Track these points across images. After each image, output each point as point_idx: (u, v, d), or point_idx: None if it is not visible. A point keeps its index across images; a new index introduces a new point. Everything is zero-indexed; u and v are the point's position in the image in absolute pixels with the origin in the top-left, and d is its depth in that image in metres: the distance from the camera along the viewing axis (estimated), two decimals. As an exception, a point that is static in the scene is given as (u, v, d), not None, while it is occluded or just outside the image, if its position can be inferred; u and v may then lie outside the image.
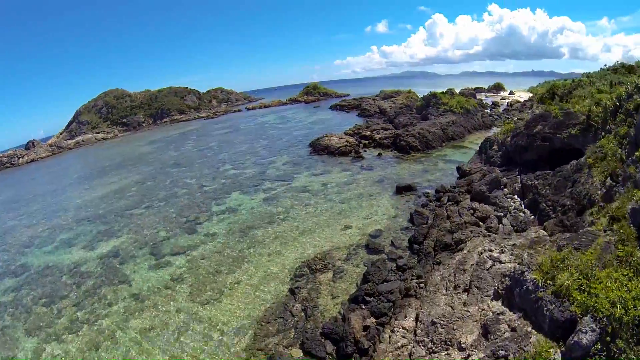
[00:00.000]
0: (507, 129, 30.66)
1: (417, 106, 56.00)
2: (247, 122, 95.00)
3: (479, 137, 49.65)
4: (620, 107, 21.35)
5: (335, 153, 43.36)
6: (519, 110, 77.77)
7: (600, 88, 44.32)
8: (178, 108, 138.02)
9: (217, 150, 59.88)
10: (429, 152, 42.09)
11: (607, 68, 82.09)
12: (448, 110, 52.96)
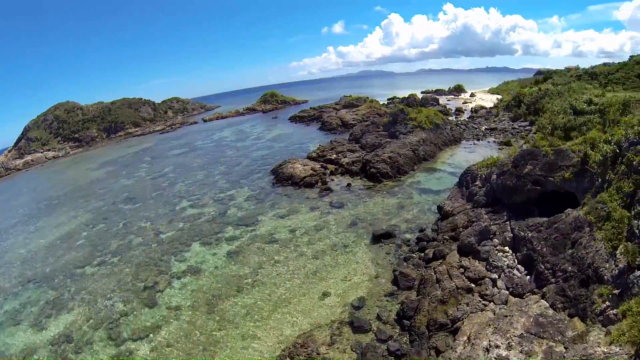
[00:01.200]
0: (490, 163, 29.56)
1: (384, 123, 54.72)
2: (204, 139, 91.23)
3: (450, 155, 49.42)
4: (621, 155, 20.58)
5: (300, 184, 40.88)
6: (485, 118, 79.52)
7: (573, 104, 45.25)
8: (132, 120, 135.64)
9: (173, 178, 55.93)
10: (401, 178, 40.67)
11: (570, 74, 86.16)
12: (417, 127, 52.15)
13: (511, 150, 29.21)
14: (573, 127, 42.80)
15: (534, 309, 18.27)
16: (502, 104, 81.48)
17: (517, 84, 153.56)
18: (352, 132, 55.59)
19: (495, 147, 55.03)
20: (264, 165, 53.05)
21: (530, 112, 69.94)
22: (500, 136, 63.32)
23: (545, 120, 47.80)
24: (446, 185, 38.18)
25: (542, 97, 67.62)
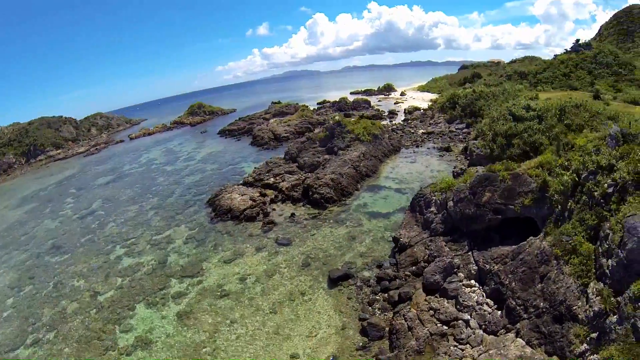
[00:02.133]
0: (444, 187, 31.44)
1: (321, 138, 55.76)
2: (132, 162, 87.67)
3: (391, 167, 51.85)
4: (581, 184, 23.10)
5: (240, 218, 40.09)
6: (420, 120, 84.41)
7: (513, 111, 49.64)
8: (53, 142, 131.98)
9: (103, 217, 51.71)
10: (346, 201, 41.77)
11: (500, 74, 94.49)
12: (355, 139, 53.88)
13: (466, 175, 31.33)
14: (514, 134, 47.11)
15: (512, 349, 19.84)
16: (437, 106, 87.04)
17: (445, 81, 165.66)
18: (288, 150, 55.87)
19: (435, 153, 58.76)
20: (199, 195, 51.89)
21: (466, 114, 75.73)
22: (439, 140, 67.82)
23: (485, 127, 51.86)
24: (394, 205, 39.99)
25: (477, 99, 73.45)
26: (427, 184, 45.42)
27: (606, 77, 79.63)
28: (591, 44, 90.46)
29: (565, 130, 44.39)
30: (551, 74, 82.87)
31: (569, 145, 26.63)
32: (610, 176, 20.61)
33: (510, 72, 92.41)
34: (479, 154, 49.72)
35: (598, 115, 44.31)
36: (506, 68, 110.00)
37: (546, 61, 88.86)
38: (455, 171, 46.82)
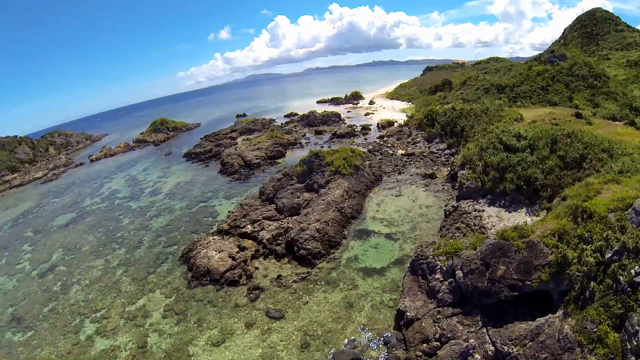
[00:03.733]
0: (450, 251, 30.87)
1: (298, 173, 54.61)
2: (93, 195, 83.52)
3: (377, 204, 51.49)
4: (604, 264, 23.06)
5: (222, 281, 38.16)
6: (397, 137, 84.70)
7: (504, 139, 49.86)
8: (8, 165, 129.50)
9: (65, 274, 47.65)
10: (335, 253, 40.78)
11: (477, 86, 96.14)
12: (335, 173, 53.14)
13: (475, 239, 30.80)
14: (507, 167, 47.53)
15: None
16: (414, 122, 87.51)
17: (415, 88, 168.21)
18: (263, 188, 54.27)
19: (420, 182, 58.86)
20: (170, 245, 49.31)
21: (446, 132, 76.44)
22: (421, 164, 68.08)
23: (474, 156, 52.08)
24: (387, 257, 39.56)
25: (458, 117, 74.15)
26: (419, 226, 45.38)
27: (583, 90, 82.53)
28: (565, 54, 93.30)
29: (559, 162, 45.13)
30: (529, 87, 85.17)
31: (587, 212, 26.18)
32: (637, 262, 21.04)
33: (487, 85, 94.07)
34: (469, 187, 49.96)
35: (592, 147, 45.03)
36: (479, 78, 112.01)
37: (522, 73, 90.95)
38: (447, 209, 46.53)
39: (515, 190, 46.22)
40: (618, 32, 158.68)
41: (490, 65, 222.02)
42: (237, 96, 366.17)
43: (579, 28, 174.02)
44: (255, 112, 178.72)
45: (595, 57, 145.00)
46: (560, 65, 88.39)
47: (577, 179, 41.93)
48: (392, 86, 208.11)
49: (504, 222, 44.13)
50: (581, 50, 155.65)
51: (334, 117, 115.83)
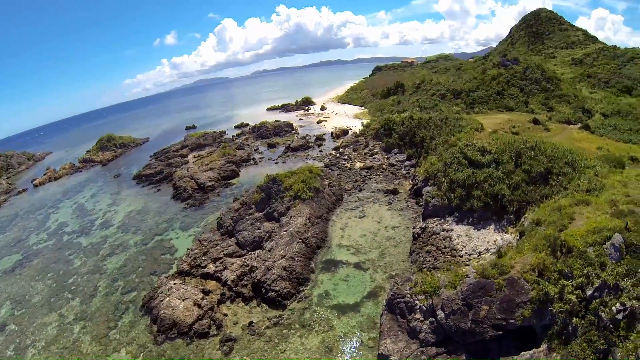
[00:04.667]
0: (428, 289, 30.73)
1: (256, 201, 53.32)
2: (39, 230, 77.30)
3: (341, 228, 51.34)
4: (586, 300, 23.82)
5: (190, 334, 36.25)
6: (354, 148, 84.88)
7: (468, 155, 50.53)
8: None
9: (17, 334, 43.27)
10: (305, 290, 40.10)
11: (432, 92, 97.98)
12: (295, 197, 52.44)
13: (453, 277, 30.77)
14: (474, 184, 48.40)
15: None
16: (370, 132, 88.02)
17: (366, 91, 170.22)
18: (221, 220, 52.61)
19: (382, 199, 59.15)
20: (129, 291, 46.48)
21: (405, 143, 77.18)
22: (381, 178, 68.42)
23: (440, 173, 52.67)
24: (360, 291, 39.37)
25: (417, 126, 75.02)
26: (388, 252, 45.24)
27: (537, 93, 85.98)
28: (518, 57, 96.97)
29: (525, 177, 46.45)
30: (485, 92, 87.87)
31: (565, 246, 26.80)
32: (618, 299, 22.32)
33: (442, 90, 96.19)
34: (436, 205, 50.74)
35: (556, 160, 46.53)
36: (433, 81, 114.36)
37: (477, 77, 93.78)
38: (415, 232, 46.68)
39: (483, 207, 47.10)
40: (562, 31, 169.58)
41: (439, 64, 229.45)
42: (185, 104, 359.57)
43: (525, 27, 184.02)
44: (204, 123, 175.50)
45: (542, 55, 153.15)
46: (514, 69, 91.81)
47: (544, 195, 43.21)
48: (342, 88, 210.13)
49: (473, 241, 44.97)
50: (528, 48, 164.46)
51: (286, 127, 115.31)
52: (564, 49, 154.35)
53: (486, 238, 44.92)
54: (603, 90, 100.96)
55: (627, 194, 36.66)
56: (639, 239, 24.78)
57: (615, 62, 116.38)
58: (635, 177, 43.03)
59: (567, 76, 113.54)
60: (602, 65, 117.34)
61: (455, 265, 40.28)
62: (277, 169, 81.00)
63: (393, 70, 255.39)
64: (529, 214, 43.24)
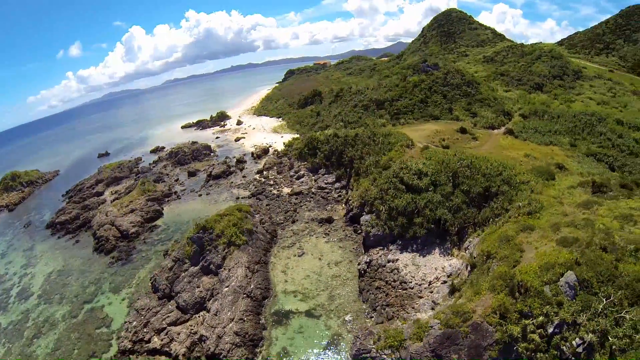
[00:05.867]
0: (394, 344, 31.42)
1: (190, 254, 51.32)
2: None
3: (282, 272, 51.91)
4: (547, 336, 26.87)
5: None
6: (278, 171, 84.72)
7: (405, 179, 51.60)
8: None
9: None
10: (262, 352, 39.64)
11: (357, 107, 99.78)
12: (229, 244, 51.45)
13: (417, 328, 31.96)
14: (415, 210, 49.84)
15: None
16: (294, 152, 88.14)
17: (282, 101, 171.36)
18: (156, 283, 49.92)
19: (319, 231, 60.44)
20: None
21: (332, 163, 77.88)
22: (312, 204, 68.73)
23: (377, 201, 53.79)
24: (317, 341, 39.48)
25: (343, 144, 75.98)
26: (336, 293, 45.51)
27: (459, 99, 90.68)
28: (438, 63, 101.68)
29: (464, 198, 49.06)
30: (408, 101, 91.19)
31: (522, 286, 28.89)
32: (577, 334, 25.85)
33: (365, 101, 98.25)
34: (377, 234, 52.07)
35: (492, 178, 49.34)
36: (352, 90, 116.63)
37: (399, 85, 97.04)
38: (361, 268, 47.41)
39: (427, 234, 49.00)
40: (472, 30, 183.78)
41: (352, 64, 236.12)
42: (96, 124, 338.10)
43: (436, 27, 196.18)
44: (118, 148, 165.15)
45: (455, 54, 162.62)
46: (435, 75, 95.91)
47: (486, 218, 45.83)
48: (257, 96, 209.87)
49: (421, 269, 46.82)
50: (441, 47, 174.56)
51: (204, 150, 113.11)
52: (475, 47, 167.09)
53: (433, 264, 46.88)
54: (517, 88, 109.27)
55: (565, 212, 40.77)
56: (589, 273, 28.06)
57: (525, 59, 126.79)
58: (566, 189, 47.25)
59: (481, 74, 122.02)
60: (513, 64, 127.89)
61: (408, 299, 41.64)
62: (202, 203, 78.70)
63: (306, 73, 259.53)
64: (473, 237, 45.90)
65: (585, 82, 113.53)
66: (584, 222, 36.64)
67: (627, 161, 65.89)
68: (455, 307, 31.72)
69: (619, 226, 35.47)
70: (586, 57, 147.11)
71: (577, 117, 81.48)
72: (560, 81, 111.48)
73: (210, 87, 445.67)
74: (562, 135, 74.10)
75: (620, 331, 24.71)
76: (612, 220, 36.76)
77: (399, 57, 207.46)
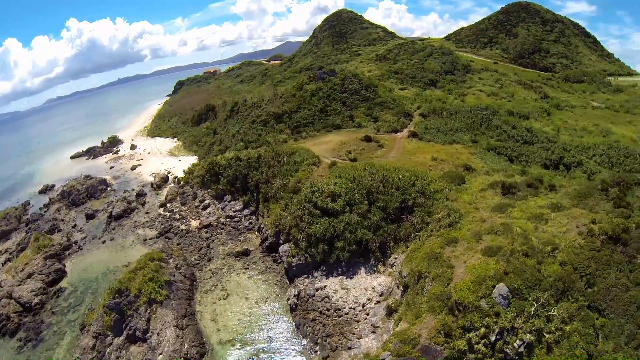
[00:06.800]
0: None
1: (110, 325, 47.24)
2: None
3: (211, 320, 51.35)
4: (491, 344, 30.76)
5: None
6: (182, 202, 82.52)
7: (319, 203, 52.28)
8: None
9: None
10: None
11: (253, 120, 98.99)
12: (150, 302, 49.88)
13: None
14: (334, 235, 50.93)
15: None
16: (196, 179, 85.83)
17: (175, 119, 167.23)
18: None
19: (238, 267, 59.20)
20: None
21: (237, 188, 76.58)
22: (224, 236, 67.50)
23: (294, 229, 54.18)
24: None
25: (247, 168, 74.87)
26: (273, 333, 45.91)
27: (359, 104, 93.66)
28: (334, 69, 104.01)
29: (382, 214, 52.42)
30: (308, 112, 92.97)
31: (460, 304, 33.02)
32: (516, 336, 30.26)
33: (263, 116, 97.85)
34: (299, 264, 52.45)
35: (406, 190, 52.54)
36: (247, 102, 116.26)
37: (297, 95, 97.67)
38: (292, 302, 47.82)
39: (351, 256, 50.62)
40: (364, 30, 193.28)
41: (243, 70, 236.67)
42: None
43: (327, 28, 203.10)
44: (1, 190, 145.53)
45: (347, 54, 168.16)
46: (332, 82, 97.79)
47: (408, 234, 48.14)
48: (148, 113, 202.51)
49: (351, 292, 48.94)
50: (333, 48, 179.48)
51: (100, 186, 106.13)
52: (367, 46, 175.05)
53: (362, 285, 48.78)
54: (412, 86, 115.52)
55: (482, 218, 45.10)
56: (518, 282, 32.65)
57: (417, 56, 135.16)
58: (478, 193, 51.24)
59: (375, 73, 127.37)
60: (406, 61, 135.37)
61: (347, 325, 42.79)
62: (108, 251, 72.44)
63: (196, 83, 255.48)
64: (398, 253, 48.04)
65: (475, 75, 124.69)
66: (502, 227, 41.04)
67: (523, 150, 72.12)
68: (401, 335, 33.84)
69: (533, 227, 40.48)
70: (472, 50, 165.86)
71: (473, 112, 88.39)
72: (452, 76, 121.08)
73: (98, 104, 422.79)
74: (463, 133, 79.79)
75: (552, 327, 30.19)
76: (526, 221, 41.65)
77: (290, 60, 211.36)
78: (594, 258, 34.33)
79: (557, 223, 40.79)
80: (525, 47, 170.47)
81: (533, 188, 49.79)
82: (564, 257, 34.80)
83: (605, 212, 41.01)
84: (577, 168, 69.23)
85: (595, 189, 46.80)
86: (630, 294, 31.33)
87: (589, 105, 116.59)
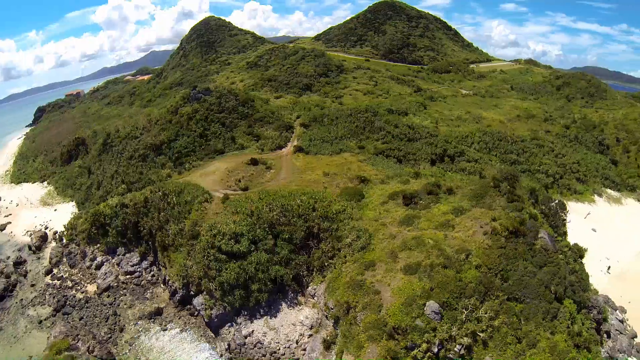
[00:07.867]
0: None
1: None
2: None
3: None
4: (436, 355, 35.57)
5: None
6: (70, 264, 77.27)
7: (223, 248, 51.73)
8: None
9: None
10: None
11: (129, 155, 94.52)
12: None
13: None
14: (247, 279, 50.83)
15: None
16: (80, 235, 79.85)
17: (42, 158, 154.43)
18: None
19: (158, 331, 55.50)
20: None
21: (130, 239, 72.02)
22: (129, 297, 64.16)
23: (204, 280, 53.65)
24: None
25: (136, 214, 70.85)
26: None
27: (238, 122, 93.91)
28: (209, 87, 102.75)
29: (291, 246, 54.75)
30: (187, 139, 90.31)
31: (399, 328, 36.49)
32: (455, 342, 35.21)
33: (141, 150, 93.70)
34: (219, 314, 51.81)
35: (309, 216, 54.84)
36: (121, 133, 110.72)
37: (173, 120, 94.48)
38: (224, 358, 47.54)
39: (271, 293, 52.00)
40: (233, 37, 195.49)
41: (109, 90, 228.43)
42: None
43: (195, 38, 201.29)
44: None
45: (217, 64, 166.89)
46: (208, 102, 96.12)
47: (322, 264, 50.50)
48: (7, 151, 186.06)
49: (280, 331, 49.39)
50: (202, 58, 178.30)
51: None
52: (237, 54, 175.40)
53: (288, 321, 50.69)
54: (287, 93, 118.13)
55: (392, 234, 48.24)
56: (445, 295, 37.76)
57: (289, 61, 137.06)
58: (380, 207, 53.86)
59: (247, 82, 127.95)
60: (278, 67, 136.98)
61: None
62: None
63: (59, 109, 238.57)
64: (316, 283, 49.20)
65: (349, 75, 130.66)
66: (414, 241, 45.31)
67: (409, 149, 76.55)
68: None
69: (443, 236, 45.32)
70: (343, 49, 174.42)
71: (354, 116, 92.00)
72: (327, 78, 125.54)
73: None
74: (348, 139, 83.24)
75: (483, 326, 36.03)
76: (435, 231, 46.38)
77: (159, 74, 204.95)
78: (503, 255, 41.29)
79: (463, 227, 46.54)
80: (394, 43, 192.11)
81: (433, 195, 53.97)
82: (478, 261, 41.14)
83: (502, 207, 47.96)
84: (461, 157, 75.33)
85: (488, 186, 52.86)
86: (538, 278, 39.54)
87: (459, 93, 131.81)
